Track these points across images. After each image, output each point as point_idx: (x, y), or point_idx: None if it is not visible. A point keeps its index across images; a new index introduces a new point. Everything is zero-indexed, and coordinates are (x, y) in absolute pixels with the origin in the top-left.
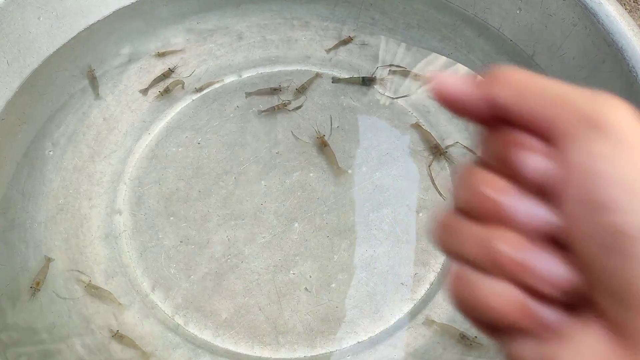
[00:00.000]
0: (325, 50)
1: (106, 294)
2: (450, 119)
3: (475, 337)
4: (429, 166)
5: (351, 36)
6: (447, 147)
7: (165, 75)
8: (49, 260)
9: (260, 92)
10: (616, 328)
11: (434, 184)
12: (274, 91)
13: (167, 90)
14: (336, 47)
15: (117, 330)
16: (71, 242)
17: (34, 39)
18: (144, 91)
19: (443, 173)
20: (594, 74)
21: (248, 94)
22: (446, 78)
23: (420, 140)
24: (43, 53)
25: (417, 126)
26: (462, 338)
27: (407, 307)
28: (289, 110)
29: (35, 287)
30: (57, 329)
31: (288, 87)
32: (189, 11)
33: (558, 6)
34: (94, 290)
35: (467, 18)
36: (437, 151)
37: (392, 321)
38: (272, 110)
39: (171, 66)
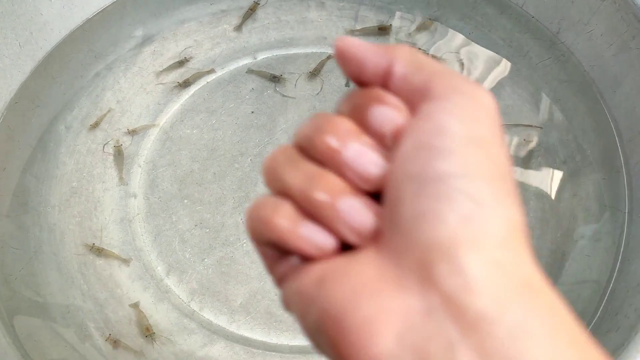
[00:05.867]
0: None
1: (110, 254)
2: None
3: None
4: None
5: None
6: None
7: (181, 63)
8: (136, 305)
9: (261, 75)
10: (390, 252)
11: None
12: (274, 78)
13: (186, 83)
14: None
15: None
16: (84, 226)
17: (47, 21)
18: (158, 74)
19: None
20: (623, 51)
21: (250, 71)
22: (351, 40)
23: None
24: (56, 36)
25: None
26: None
27: None
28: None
29: (150, 334)
30: (71, 313)
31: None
32: None
33: None
34: (97, 252)
35: None
36: None
37: None
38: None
39: (187, 55)
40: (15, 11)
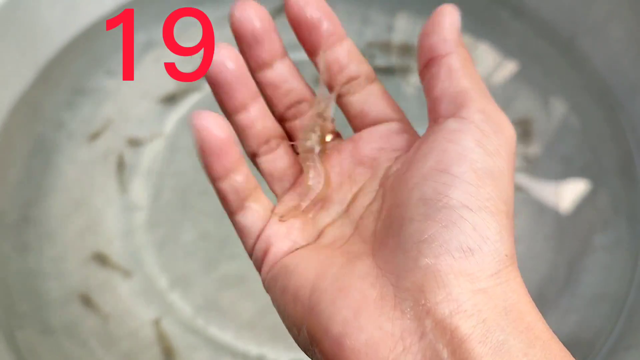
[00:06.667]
0: None
1: (114, 263)
2: None
3: None
4: None
5: None
6: None
7: None
8: (157, 322)
9: None
10: (390, 270)
11: None
12: None
13: (172, 98)
14: None
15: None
16: (86, 237)
17: (49, 28)
18: None
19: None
20: None
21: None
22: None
23: None
24: (58, 43)
25: None
26: None
27: None
28: None
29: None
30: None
31: None
32: None
33: None
34: (101, 260)
35: None
36: None
37: None
38: None
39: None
40: (18, 18)
